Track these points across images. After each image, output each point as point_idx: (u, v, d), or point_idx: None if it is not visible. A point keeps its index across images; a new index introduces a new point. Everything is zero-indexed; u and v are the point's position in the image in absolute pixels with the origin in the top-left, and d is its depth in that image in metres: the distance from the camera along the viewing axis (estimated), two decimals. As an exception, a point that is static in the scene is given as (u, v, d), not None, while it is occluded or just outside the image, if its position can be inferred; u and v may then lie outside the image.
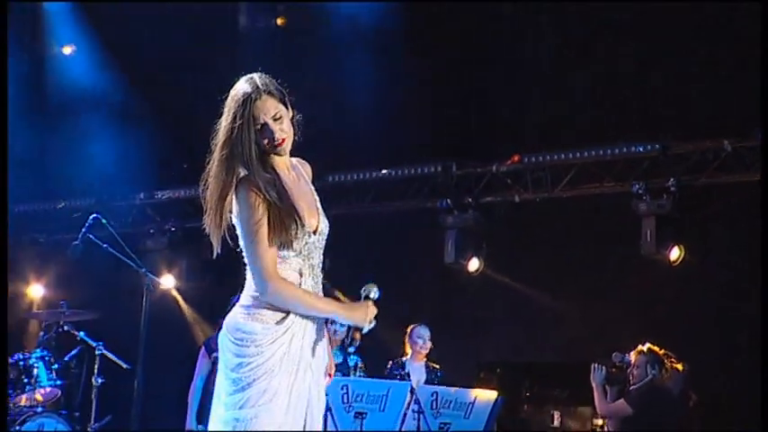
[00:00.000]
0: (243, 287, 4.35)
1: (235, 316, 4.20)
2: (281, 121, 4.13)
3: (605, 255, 9.76)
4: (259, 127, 4.12)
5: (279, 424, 4.11)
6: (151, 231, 11.75)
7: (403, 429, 8.53)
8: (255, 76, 4.17)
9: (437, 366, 9.24)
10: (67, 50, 12.22)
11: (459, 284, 10.46)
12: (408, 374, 9.03)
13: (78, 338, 9.08)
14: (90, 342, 9.01)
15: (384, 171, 10.63)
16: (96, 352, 8.87)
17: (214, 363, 8.83)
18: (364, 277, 10.55)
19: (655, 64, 9.55)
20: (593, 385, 8.37)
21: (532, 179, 10.21)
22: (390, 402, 8.45)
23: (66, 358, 9.29)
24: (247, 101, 4.09)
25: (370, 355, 9.30)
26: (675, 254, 9.44)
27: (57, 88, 12.37)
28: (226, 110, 4.17)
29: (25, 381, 8.82)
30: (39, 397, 8.88)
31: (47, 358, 8.96)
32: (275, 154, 4.22)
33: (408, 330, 9.20)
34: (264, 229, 4.13)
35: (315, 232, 4.30)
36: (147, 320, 7.90)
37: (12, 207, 12.57)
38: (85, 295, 10.59)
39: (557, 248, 10.05)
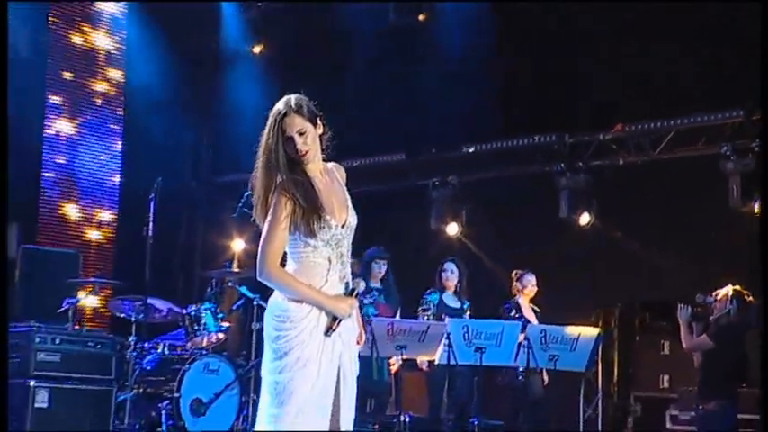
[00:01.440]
0: None
1: (276, 298, 4.32)
2: (305, 135, 4.22)
3: (698, 209, 9.64)
4: (286, 141, 4.23)
5: (311, 385, 4.20)
6: None
7: (516, 361, 8.70)
8: (293, 96, 4.28)
9: (537, 309, 9.32)
10: (257, 49, 12.51)
11: (572, 236, 10.45)
12: (521, 313, 9.17)
13: (239, 293, 9.27)
14: (249, 295, 9.13)
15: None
16: (254, 303, 9.01)
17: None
18: (497, 229, 10.64)
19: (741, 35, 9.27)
20: (680, 322, 8.32)
21: (634, 144, 10.21)
22: (505, 339, 8.59)
23: (233, 308, 9.51)
24: (278, 117, 4.22)
25: (484, 295, 9.47)
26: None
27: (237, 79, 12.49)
28: (272, 117, 4.29)
29: (196, 328, 9.02)
30: (206, 341, 9.06)
31: (213, 309, 9.09)
32: (302, 163, 4.30)
33: (516, 275, 9.29)
34: (281, 227, 4.24)
35: (343, 226, 4.36)
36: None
37: (219, 178, 13.13)
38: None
39: (656, 204, 10.00)
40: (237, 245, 12.31)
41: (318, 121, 4.29)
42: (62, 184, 11.72)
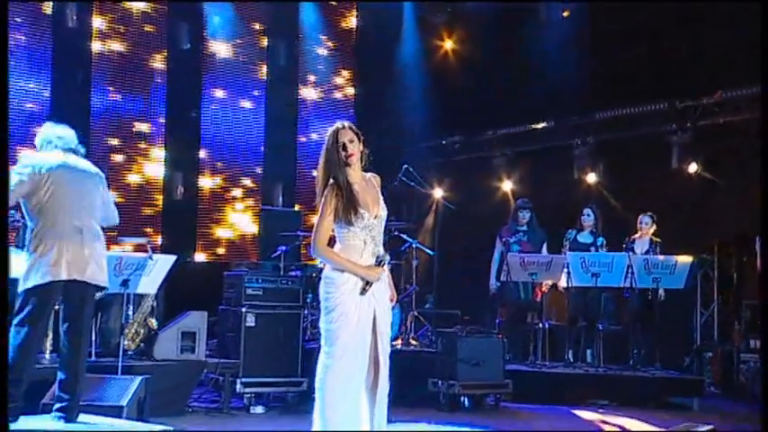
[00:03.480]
0: None
1: (325, 269, 4.58)
2: (353, 143, 4.51)
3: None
4: (341, 146, 4.51)
5: (352, 332, 4.44)
6: (498, 154, 12.00)
7: (624, 283, 8.75)
8: (345, 121, 4.63)
9: (658, 240, 9.23)
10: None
11: (682, 182, 10.21)
12: (633, 247, 9.17)
13: (402, 239, 9.46)
14: (407, 239, 9.45)
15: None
16: (413, 246, 9.34)
17: (504, 244, 9.46)
18: (624, 178, 10.50)
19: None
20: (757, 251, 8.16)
21: (732, 106, 9.79)
22: (614, 267, 8.80)
23: (400, 249, 9.60)
24: (336, 131, 4.54)
25: (614, 231, 9.48)
26: None
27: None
28: (326, 137, 4.60)
29: None
30: None
31: None
32: (347, 165, 4.52)
33: (639, 218, 9.32)
34: (328, 218, 4.48)
35: (375, 217, 4.57)
36: (440, 225, 8.54)
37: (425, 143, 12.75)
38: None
39: (751, 154, 9.47)
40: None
41: (361, 140, 4.58)
42: (311, 155, 12.25)
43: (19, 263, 5.28)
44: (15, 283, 5.20)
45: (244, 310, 7.29)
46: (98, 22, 10.63)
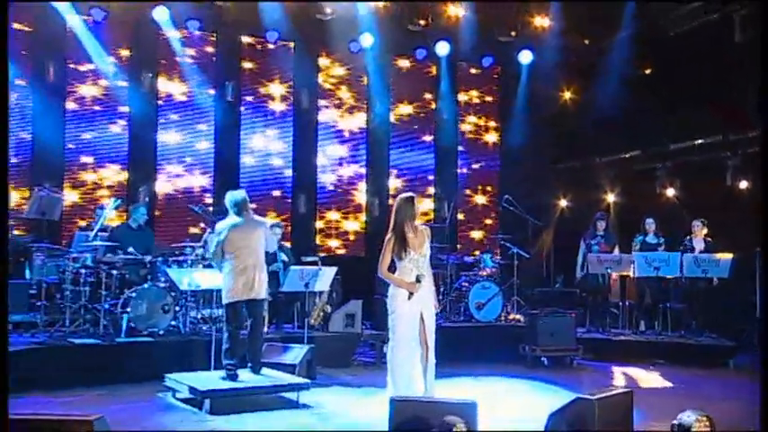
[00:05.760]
0: None
1: (390, 287, 5.19)
2: (416, 207, 5.24)
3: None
4: (411, 205, 5.19)
5: (404, 326, 5.09)
6: (602, 175, 11.97)
7: (680, 273, 8.93)
8: (413, 194, 5.32)
9: (710, 239, 9.29)
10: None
11: (733, 197, 10.03)
12: (691, 246, 9.32)
13: (502, 243, 9.86)
14: (510, 246, 9.65)
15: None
16: (515, 251, 9.62)
17: (587, 246, 9.79)
18: (691, 192, 10.34)
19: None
20: None
21: None
22: (671, 261, 9.02)
23: (510, 253, 9.85)
24: (409, 197, 5.28)
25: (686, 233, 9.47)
26: None
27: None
28: (399, 200, 5.24)
29: (481, 266, 9.67)
30: (486, 272, 9.51)
31: (490, 255, 9.84)
32: (408, 219, 5.18)
33: (692, 222, 9.43)
34: (389, 252, 5.10)
35: (420, 255, 5.15)
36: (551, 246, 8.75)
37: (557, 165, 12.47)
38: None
39: None
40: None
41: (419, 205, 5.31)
42: (473, 178, 12.59)
43: (215, 278, 6.40)
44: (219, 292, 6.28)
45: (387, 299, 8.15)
46: (322, 102, 12.25)
